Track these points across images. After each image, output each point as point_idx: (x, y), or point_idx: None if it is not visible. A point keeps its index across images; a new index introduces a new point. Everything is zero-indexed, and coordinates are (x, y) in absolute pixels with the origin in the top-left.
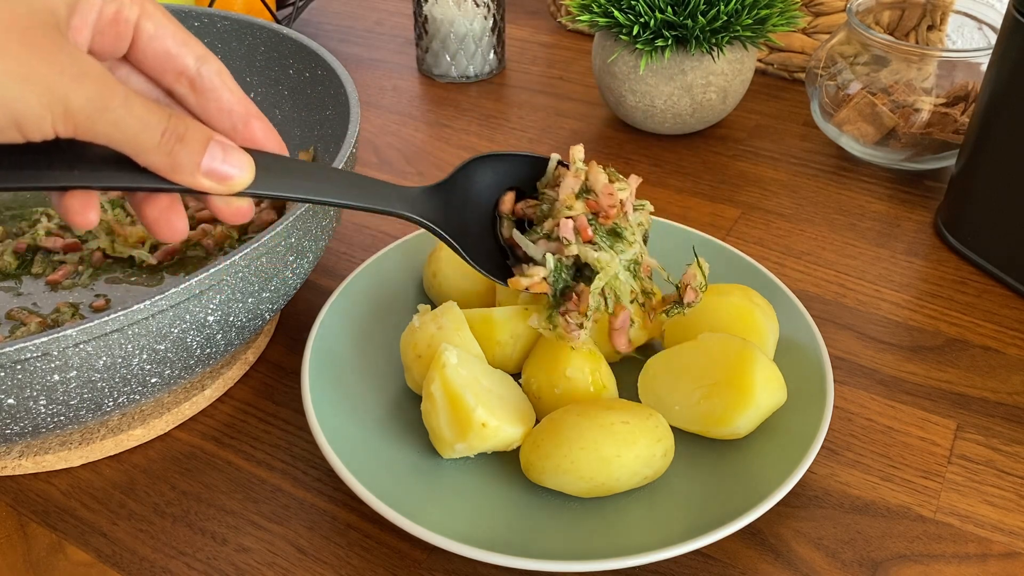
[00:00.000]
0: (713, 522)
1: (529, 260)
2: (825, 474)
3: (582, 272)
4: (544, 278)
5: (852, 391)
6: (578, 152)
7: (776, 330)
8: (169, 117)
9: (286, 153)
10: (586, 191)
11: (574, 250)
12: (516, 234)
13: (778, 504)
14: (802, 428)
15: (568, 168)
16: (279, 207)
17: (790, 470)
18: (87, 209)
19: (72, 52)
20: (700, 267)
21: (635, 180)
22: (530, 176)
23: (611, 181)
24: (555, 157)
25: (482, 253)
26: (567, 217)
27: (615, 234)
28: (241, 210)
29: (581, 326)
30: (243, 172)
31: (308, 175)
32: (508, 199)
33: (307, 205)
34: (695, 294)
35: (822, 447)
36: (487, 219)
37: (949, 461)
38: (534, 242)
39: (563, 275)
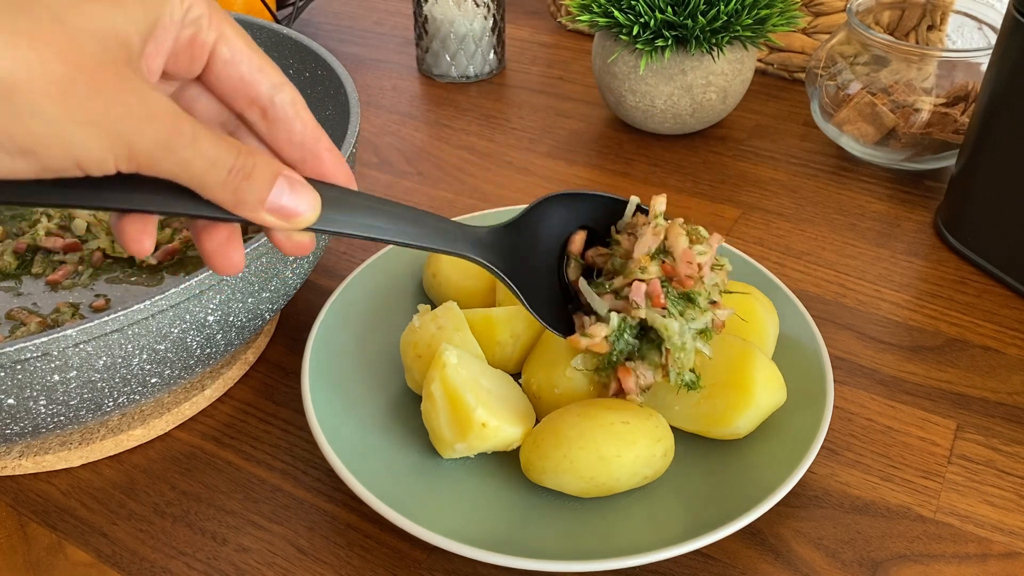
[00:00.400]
0: (713, 522)
1: (591, 311)
2: (825, 474)
3: (646, 333)
4: (606, 336)
5: (852, 391)
6: (660, 204)
7: (776, 330)
8: (238, 154)
9: (354, 186)
10: (663, 251)
11: (642, 314)
12: (582, 284)
13: (778, 504)
14: (802, 428)
15: (647, 215)
16: None
17: (790, 470)
18: (144, 235)
19: (141, 91)
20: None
21: (717, 239)
22: (605, 217)
23: (692, 241)
24: (634, 200)
25: (544, 297)
26: (639, 280)
27: (687, 299)
28: (303, 244)
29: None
30: (309, 210)
31: (374, 212)
32: (579, 239)
33: None
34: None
35: (822, 447)
36: (553, 259)
37: (949, 461)
38: (600, 295)
39: (626, 335)
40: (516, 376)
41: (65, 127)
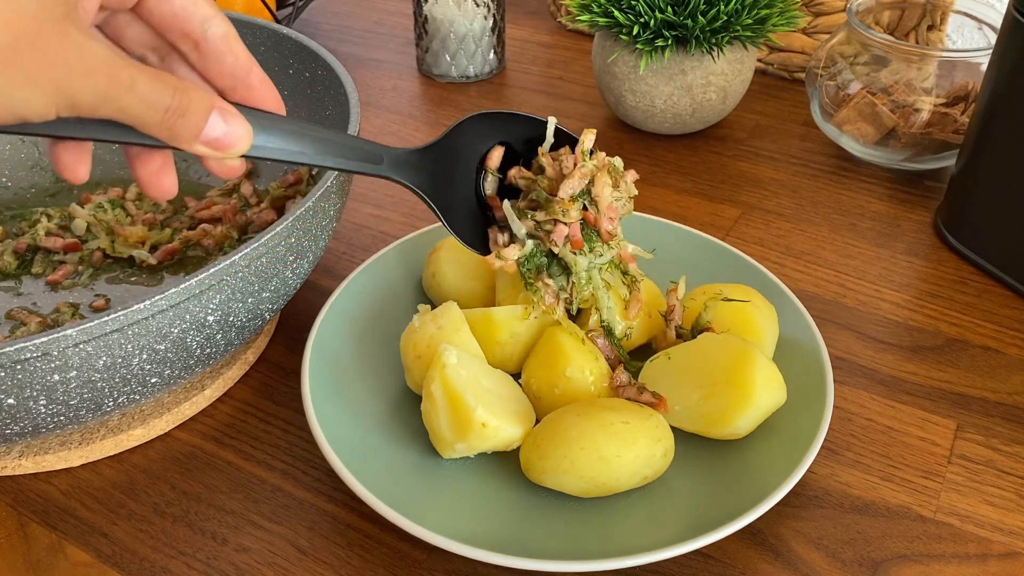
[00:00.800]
0: (713, 522)
1: (506, 227)
2: (825, 474)
3: (555, 257)
4: (517, 259)
5: (852, 391)
6: (588, 141)
7: (776, 330)
8: (173, 93)
9: (283, 111)
10: (587, 195)
11: (556, 250)
12: (506, 204)
13: (778, 504)
14: (802, 428)
15: (572, 147)
16: (279, 207)
17: (790, 470)
18: (79, 163)
19: (80, 46)
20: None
21: (631, 176)
22: (524, 136)
23: (613, 183)
24: (552, 121)
25: (465, 216)
26: (562, 222)
27: (597, 234)
28: (234, 168)
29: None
30: (241, 141)
31: (300, 138)
32: (496, 154)
33: (308, 205)
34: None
35: (822, 447)
36: (472, 177)
37: (949, 461)
38: (519, 219)
39: (536, 259)
40: (516, 376)
41: (9, 91)
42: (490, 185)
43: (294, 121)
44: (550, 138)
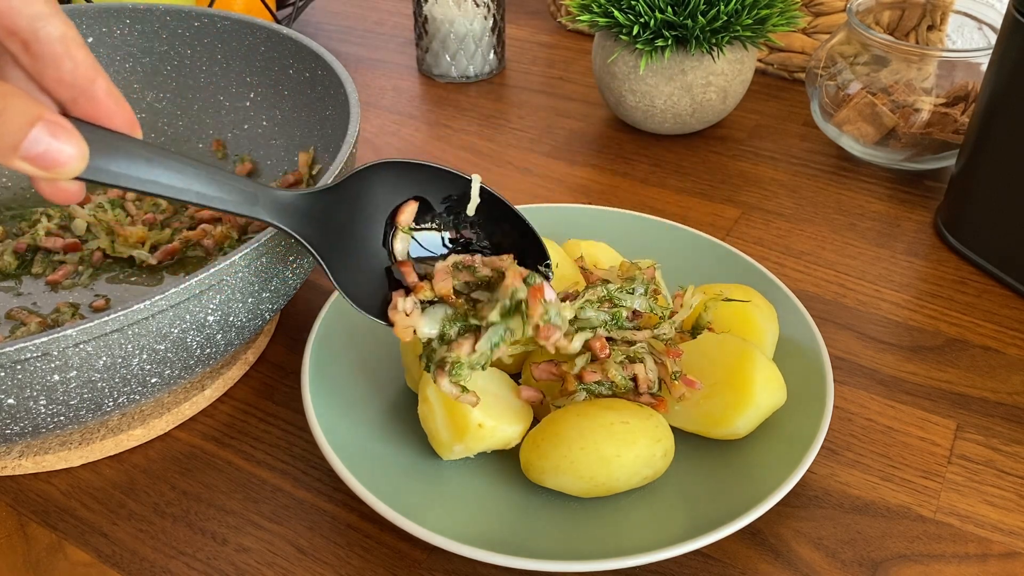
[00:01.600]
0: (713, 522)
1: (407, 288)
2: (825, 474)
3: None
4: (424, 339)
5: (852, 391)
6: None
7: (776, 330)
8: None
9: (138, 132)
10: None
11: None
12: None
13: (778, 504)
14: (802, 428)
15: (500, 210)
16: None
17: (790, 470)
18: None
19: None
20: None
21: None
22: (443, 194)
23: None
24: (477, 179)
25: (362, 276)
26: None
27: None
28: (69, 192)
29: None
30: (72, 160)
31: (155, 165)
32: (409, 210)
33: None
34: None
35: (822, 447)
36: (379, 233)
37: (949, 461)
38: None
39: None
40: (516, 376)
41: None
42: (399, 244)
43: (150, 146)
44: (475, 198)
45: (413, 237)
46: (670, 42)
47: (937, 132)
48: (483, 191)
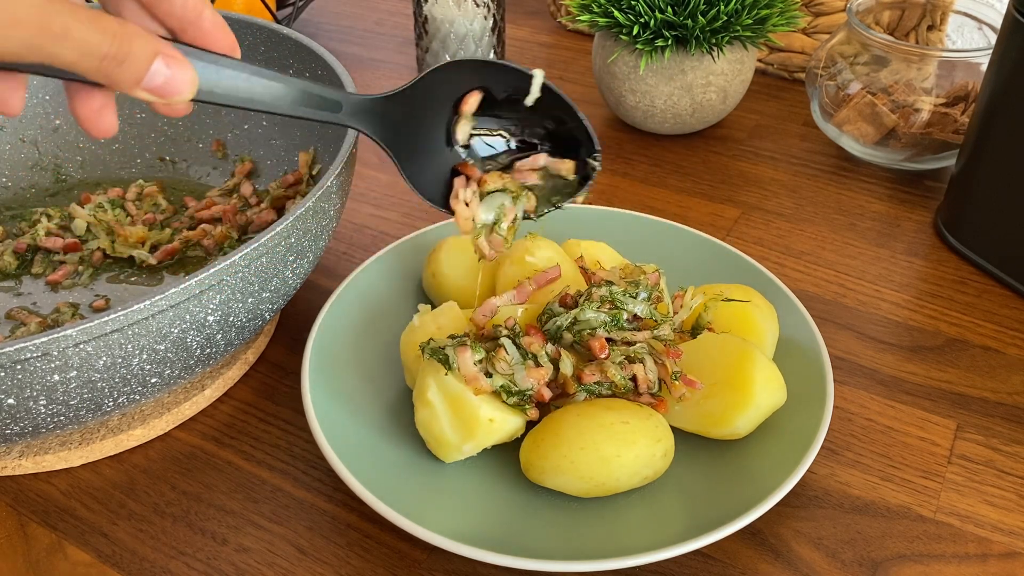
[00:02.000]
0: (713, 522)
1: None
2: (825, 474)
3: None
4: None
5: (852, 391)
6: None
7: (776, 330)
8: (112, 40)
9: (237, 53)
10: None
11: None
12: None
13: (778, 504)
14: (802, 428)
15: (558, 104)
16: (279, 207)
17: (790, 470)
18: (12, 95)
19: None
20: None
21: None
22: (505, 88)
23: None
24: (539, 74)
25: (430, 171)
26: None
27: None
28: (179, 110)
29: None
30: (185, 88)
31: (250, 82)
32: (473, 99)
33: (308, 205)
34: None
35: (822, 447)
36: (443, 123)
37: (949, 461)
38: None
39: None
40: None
41: None
42: (462, 132)
43: (246, 65)
44: (536, 92)
45: (474, 133)
46: (670, 42)
47: (937, 132)
48: (543, 86)
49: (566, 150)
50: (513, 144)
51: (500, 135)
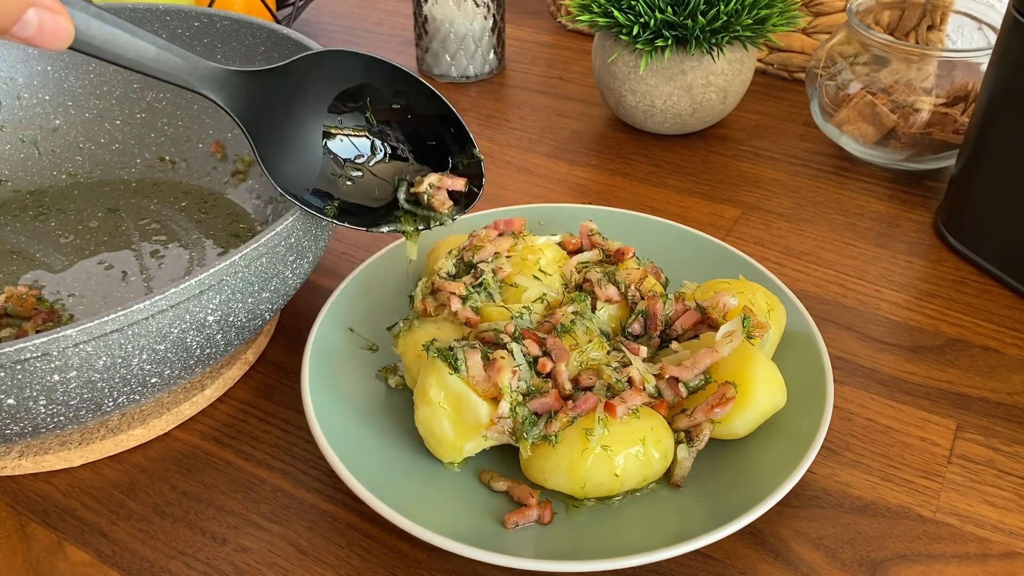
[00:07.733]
0: (713, 522)
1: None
2: (825, 474)
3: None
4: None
5: (852, 391)
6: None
7: (776, 330)
8: None
9: None
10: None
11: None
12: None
13: (778, 504)
14: (802, 428)
15: (449, 119)
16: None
17: (790, 470)
18: None
19: None
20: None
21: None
22: (388, 87)
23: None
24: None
25: (295, 161)
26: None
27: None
28: (53, 48)
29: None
30: (57, 42)
31: (124, 37)
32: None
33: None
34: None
35: (822, 447)
36: (317, 120)
37: (949, 461)
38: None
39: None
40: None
41: None
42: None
43: (124, 23)
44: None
45: (338, 132)
46: (670, 42)
47: (937, 132)
48: (412, 80)
49: (437, 152)
50: (380, 146)
51: (365, 136)
